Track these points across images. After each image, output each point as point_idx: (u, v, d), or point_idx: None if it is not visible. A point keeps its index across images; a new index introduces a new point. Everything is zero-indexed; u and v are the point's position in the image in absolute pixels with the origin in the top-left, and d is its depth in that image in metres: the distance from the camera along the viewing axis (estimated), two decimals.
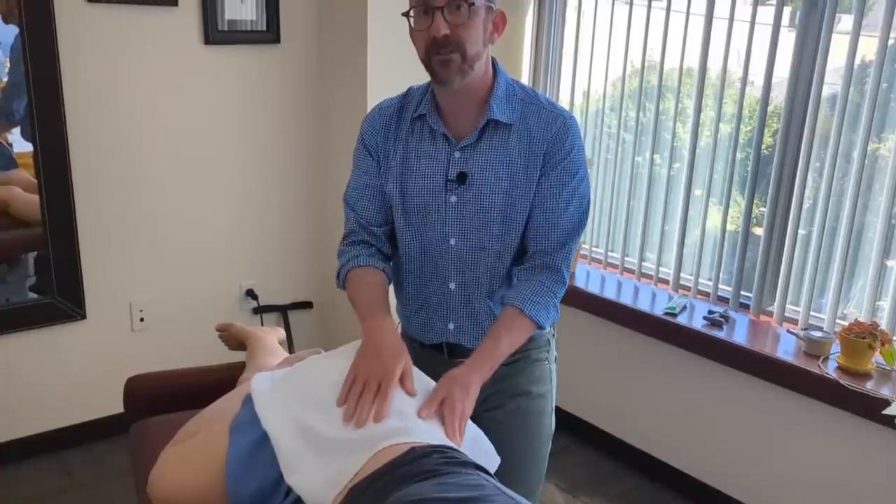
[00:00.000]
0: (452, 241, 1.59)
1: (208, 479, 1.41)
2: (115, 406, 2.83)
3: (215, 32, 2.79)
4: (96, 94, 2.64)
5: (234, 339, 2.25)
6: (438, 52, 1.44)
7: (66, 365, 2.79)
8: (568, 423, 3.00)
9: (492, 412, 1.64)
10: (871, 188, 2.35)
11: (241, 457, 1.36)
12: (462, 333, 1.65)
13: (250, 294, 3.10)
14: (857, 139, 2.32)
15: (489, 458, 1.45)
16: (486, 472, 1.24)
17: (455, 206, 1.56)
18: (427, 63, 1.48)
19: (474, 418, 1.49)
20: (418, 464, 1.19)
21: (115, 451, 2.82)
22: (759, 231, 2.61)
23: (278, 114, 3.04)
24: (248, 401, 1.47)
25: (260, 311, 3.11)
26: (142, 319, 2.88)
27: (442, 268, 1.62)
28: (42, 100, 2.53)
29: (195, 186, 2.92)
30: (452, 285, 1.62)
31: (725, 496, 2.60)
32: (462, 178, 1.54)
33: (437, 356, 1.67)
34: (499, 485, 1.17)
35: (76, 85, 2.59)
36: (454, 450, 1.27)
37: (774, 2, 2.44)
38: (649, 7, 2.78)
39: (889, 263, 2.33)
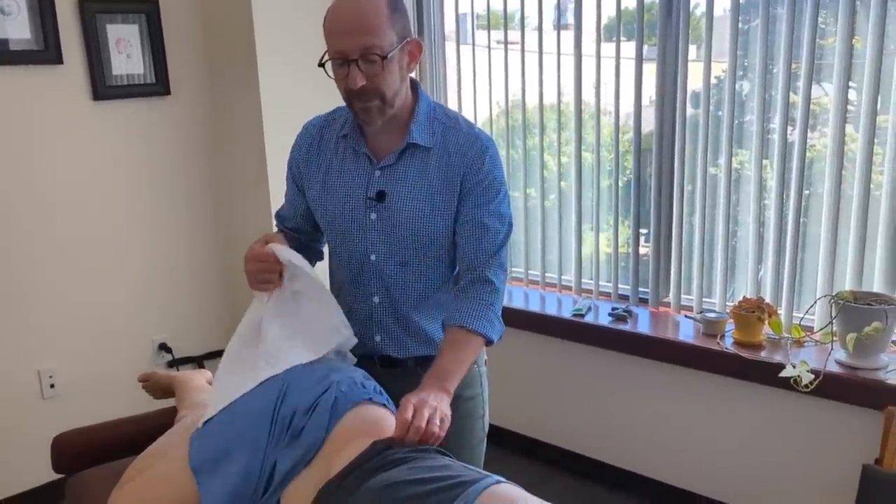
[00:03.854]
0: (373, 257, 1.65)
1: None
2: (32, 481, 2.73)
3: (104, 88, 2.79)
4: None
5: (158, 388, 2.22)
6: (359, 99, 1.50)
7: None
8: (494, 434, 3.09)
9: None
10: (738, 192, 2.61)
11: (221, 496, 1.38)
12: (389, 345, 1.71)
13: (164, 348, 3.05)
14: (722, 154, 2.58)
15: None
16: (448, 454, 1.31)
17: (375, 222, 1.63)
18: (349, 106, 1.55)
19: None
20: (383, 455, 1.25)
21: None
22: (646, 249, 2.83)
23: (175, 162, 3.04)
24: (194, 438, 1.48)
25: (175, 363, 3.06)
26: (52, 386, 2.78)
27: (365, 282, 1.68)
28: None
29: (96, 245, 2.86)
30: (376, 299, 1.68)
31: (646, 478, 2.75)
32: (381, 196, 1.61)
33: (369, 367, 1.69)
34: (463, 463, 1.24)
35: None
36: None
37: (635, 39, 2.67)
38: (506, 50, 2.95)
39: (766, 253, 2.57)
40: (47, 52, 2.64)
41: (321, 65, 1.51)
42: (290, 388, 1.47)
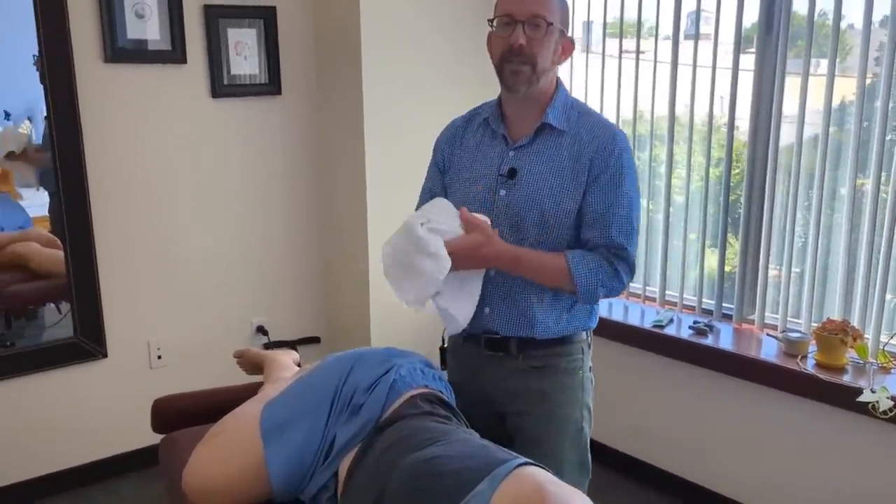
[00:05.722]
0: (496, 231, 1.70)
1: (240, 471, 1.57)
2: (137, 442, 2.99)
3: (221, 86, 3.02)
4: (114, 148, 2.85)
5: (250, 364, 2.40)
6: (511, 61, 1.65)
7: (90, 402, 2.94)
8: None
9: (520, 418, 1.79)
10: (832, 219, 2.55)
11: (284, 459, 1.52)
12: (498, 319, 1.76)
13: (261, 330, 3.26)
14: (844, 177, 2.51)
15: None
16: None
17: (503, 198, 1.73)
18: (499, 70, 1.69)
19: (503, 419, 1.72)
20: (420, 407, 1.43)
21: (136, 487, 2.95)
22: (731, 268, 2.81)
23: (283, 159, 3.25)
24: (266, 407, 1.64)
25: (270, 346, 3.26)
26: (159, 357, 3.04)
27: None
28: (65, 157, 2.73)
29: (207, 230, 3.11)
30: (492, 271, 1.74)
31: (715, 494, 2.73)
32: (512, 173, 1.72)
33: (474, 349, 1.80)
34: (499, 447, 1.34)
35: (95, 141, 2.79)
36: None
37: (754, 49, 2.63)
38: (637, 60, 2.96)
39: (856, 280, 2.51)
40: (174, 52, 2.89)
41: (490, 21, 1.68)
42: (354, 367, 1.60)
